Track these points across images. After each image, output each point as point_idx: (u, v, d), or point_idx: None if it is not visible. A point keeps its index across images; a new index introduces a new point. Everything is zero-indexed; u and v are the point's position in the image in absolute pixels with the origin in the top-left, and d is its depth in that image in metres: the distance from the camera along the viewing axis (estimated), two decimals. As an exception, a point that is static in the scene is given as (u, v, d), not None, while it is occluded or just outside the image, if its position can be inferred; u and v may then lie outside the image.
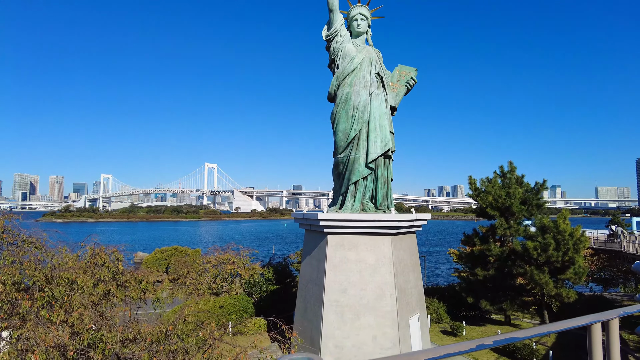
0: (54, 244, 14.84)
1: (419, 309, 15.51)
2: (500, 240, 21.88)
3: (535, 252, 18.88)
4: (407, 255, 15.55)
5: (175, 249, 57.57)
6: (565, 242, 18.88)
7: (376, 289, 14.22)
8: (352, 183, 15.55)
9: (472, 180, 22.94)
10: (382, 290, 14.19)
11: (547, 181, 21.32)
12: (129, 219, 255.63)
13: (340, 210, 15.52)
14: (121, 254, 17.97)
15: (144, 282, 18.39)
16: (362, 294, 14.22)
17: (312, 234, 16.08)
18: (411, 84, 16.89)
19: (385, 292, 14.17)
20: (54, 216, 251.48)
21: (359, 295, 14.21)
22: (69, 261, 14.52)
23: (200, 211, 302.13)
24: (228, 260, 25.78)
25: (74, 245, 17.82)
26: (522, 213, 20.63)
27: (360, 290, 14.25)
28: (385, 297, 14.14)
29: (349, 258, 14.55)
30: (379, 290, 14.20)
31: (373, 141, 15.33)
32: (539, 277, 19.05)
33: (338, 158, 15.99)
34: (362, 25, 16.47)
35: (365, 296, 14.18)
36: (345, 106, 15.66)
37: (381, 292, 14.18)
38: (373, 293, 14.18)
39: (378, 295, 14.15)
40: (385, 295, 14.14)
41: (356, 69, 15.83)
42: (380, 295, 14.15)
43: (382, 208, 15.60)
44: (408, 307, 14.80)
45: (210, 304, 22.69)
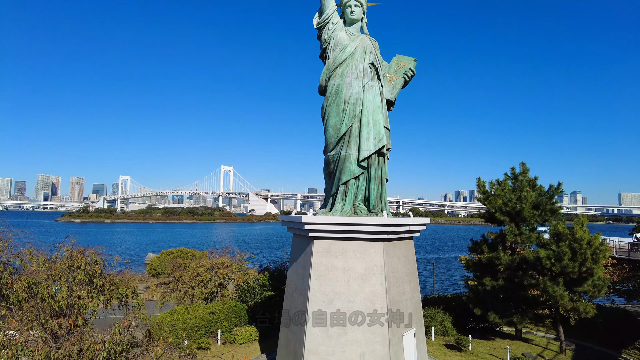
0: (19, 245, 13.87)
1: (415, 324, 13.99)
2: (511, 248, 20.11)
3: (549, 261, 17.12)
4: (402, 263, 14.06)
5: (182, 251, 56.90)
6: (582, 251, 17.06)
7: (365, 301, 12.79)
8: (343, 183, 14.18)
9: (480, 182, 21.27)
10: (372, 303, 12.76)
11: (562, 184, 19.48)
12: (145, 220, 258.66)
13: (330, 213, 14.16)
14: (99, 257, 16.96)
15: (122, 287, 17.39)
16: (350, 306, 12.80)
17: (298, 239, 14.76)
18: (409, 75, 15.45)
19: (375, 305, 12.73)
20: (72, 216, 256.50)
21: (347, 308, 12.79)
22: (33, 264, 13.54)
23: (215, 213, 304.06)
24: (222, 264, 24.67)
25: (51, 247, 16.89)
26: (535, 219, 18.84)
27: (347, 302, 12.84)
28: (375, 310, 12.68)
29: (336, 266, 13.16)
30: (369, 302, 12.76)
31: (366, 137, 13.94)
32: (553, 289, 17.28)
33: (328, 156, 14.66)
34: (356, 11, 15.13)
35: (353, 309, 12.76)
36: (335, 99, 14.32)
37: (371, 304, 12.74)
38: (362, 305, 12.75)
39: (367, 308, 12.71)
40: (375, 308, 12.69)
41: (348, 58, 14.48)
42: (370, 308, 12.70)
43: (375, 211, 14.18)
44: (402, 321, 13.30)
45: (200, 310, 21.55)
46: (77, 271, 15.55)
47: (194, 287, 24.18)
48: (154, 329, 18.92)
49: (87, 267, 15.79)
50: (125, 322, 10.25)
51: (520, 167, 20.70)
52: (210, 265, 24.64)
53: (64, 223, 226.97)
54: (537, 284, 17.95)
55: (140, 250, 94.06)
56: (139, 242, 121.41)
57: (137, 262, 72.57)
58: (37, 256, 14.04)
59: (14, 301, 11.41)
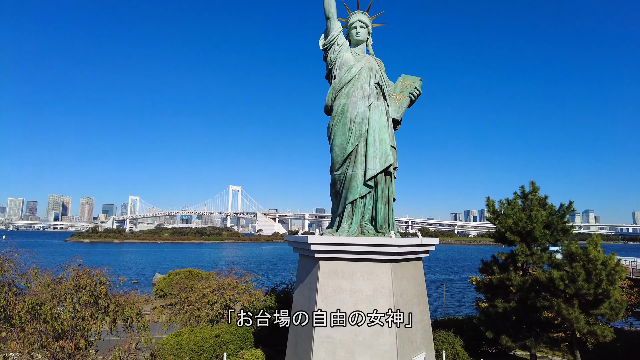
0: (25, 265, 13.83)
1: (424, 348, 13.55)
2: (522, 269, 19.61)
3: (562, 282, 16.61)
4: (411, 285, 13.74)
5: (189, 271, 56.62)
6: (597, 272, 16.54)
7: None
8: (349, 203, 14.02)
9: (490, 202, 20.95)
10: (380, 326, 12.39)
11: (573, 203, 19.09)
12: (153, 240, 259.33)
13: (336, 233, 13.96)
14: (105, 277, 16.86)
15: (127, 308, 17.21)
16: (357, 329, 12.45)
17: (304, 260, 14.54)
18: (415, 94, 15.45)
19: (383, 328, 12.37)
20: (81, 236, 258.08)
21: (354, 331, 12.45)
22: (38, 284, 13.45)
23: (223, 233, 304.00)
24: (229, 285, 24.39)
25: (57, 267, 16.86)
26: (546, 238, 18.39)
27: (355, 326, 12.50)
28: (383, 333, 12.33)
29: (343, 288, 12.88)
30: (377, 325, 12.40)
31: (372, 156, 13.85)
32: (568, 312, 16.71)
33: (335, 175, 14.56)
34: (361, 33, 15.28)
35: (361, 332, 12.41)
36: (341, 119, 14.32)
37: (379, 327, 12.38)
38: (370, 329, 12.39)
39: (375, 332, 12.36)
40: (383, 331, 12.34)
41: (354, 78, 14.54)
42: (378, 332, 12.35)
43: (382, 231, 13.96)
44: (411, 345, 12.90)
45: (206, 332, 21.21)
46: (83, 292, 15.45)
47: (200, 308, 23.88)
48: (158, 352, 18.61)
49: (92, 288, 15.69)
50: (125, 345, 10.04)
51: (529, 186, 20.39)
52: (216, 287, 24.37)
53: (73, 243, 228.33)
54: (551, 306, 17.39)
55: (147, 270, 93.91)
56: (146, 262, 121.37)
57: (145, 283, 72.34)
58: (43, 276, 13.98)
59: (17, 322, 11.29)
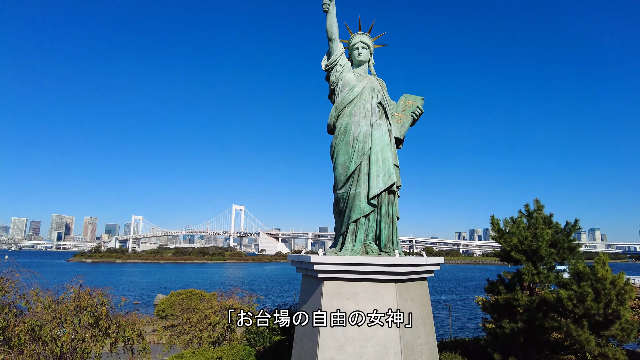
0: (26, 286, 13.73)
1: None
2: (529, 288, 19.28)
3: (570, 302, 16.28)
4: (417, 306, 13.50)
5: (191, 292, 56.12)
6: (606, 292, 16.22)
7: (378, 346, 12.17)
8: (353, 221, 13.94)
9: (494, 220, 20.78)
10: (386, 348, 12.13)
11: (579, 221, 18.91)
12: (156, 260, 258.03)
13: (340, 252, 13.84)
14: (106, 298, 16.69)
15: (128, 329, 16.97)
16: (362, 351, 12.18)
17: (308, 280, 14.35)
18: (417, 113, 15.54)
19: (388, 350, 12.10)
20: (84, 256, 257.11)
21: (358, 353, 12.17)
22: (38, 305, 13.32)
23: (225, 253, 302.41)
24: (231, 306, 24.06)
25: (58, 288, 16.73)
26: (552, 257, 18.14)
27: (359, 348, 12.23)
28: (388, 355, 12.05)
29: (347, 308, 12.65)
30: (382, 347, 12.14)
31: (375, 175, 13.84)
32: (578, 333, 16.31)
33: (338, 194, 14.53)
34: (363, 53, 15.51)
35: (366, 354, 12.14)
36: (344, 138, 14.39)
37: (384, 349, 12.11)
38: (374, 351, 12.13)
39: (380, 354, 12.08)
40: (388, 353, 12.06)
41: (356, 98, 14.68)
42: (383, 354, 12.07)
43: (386, 250, 13.83)
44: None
45: (208, 354, 20.81)
46: (84, 313, 15.29)
47: (202, 329, 23.52)
48: None
49: (93, 309, 15.53)
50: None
51: (534, 204, 20.24)
52: (218, 307, 24.06)
53: (75, 263, 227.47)
54: (560, 326, 17.00)
55: (149, 291, 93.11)
56: (148, 282, 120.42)
57: (146, 303, 71.61)
58: (43, 297, 13.86)
59: (16, 344, 11.13)
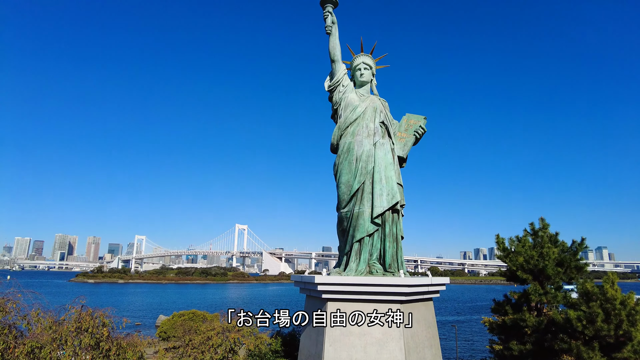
0: (27, 306, 13.61)
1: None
2: (536, 309, 18.91)
3: (580, 323, 15.92)
4: (422, 327, 13.26)
5: (193, 313, 55.31)
6: (616, 313, 15.87)
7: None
8: (357, 241, 13.85)
9: (499, 239, 20.56)
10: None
11: (585, 239, 18.67)
12: (158, 281, 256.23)
13: (344, 273, 13.70)
14: (108, 319, 16.52)
15: (129, 351, 16.72)
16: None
17: (311, 301, 14.17)
18: (420, 132, 15.61)
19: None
20: (86, 276, 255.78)
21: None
22: (39, 326, 13.16)
23: (228, 273, 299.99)
24: (233, 327, 23.67)
25: (60, 308, 16.57)
26: (559, 276, 17.85)
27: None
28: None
29: (351, 330, 12.45)
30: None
31: (379, 194, 13.81)
32: (589, 356, 15.88)
33: (341, 213, 14.48)
34: (365, 74, 15.72)
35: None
36: (347, 157, 14.44)
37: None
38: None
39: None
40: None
41: (359, 117, 14.79)
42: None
43: (391, 270, 13.69)
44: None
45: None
46: (85, 334, 15.09)
47: (204, 352, 23.10)
48: None
49: (94, 330, 15.34)
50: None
51: (539, 223, 20.05)
52: (221, 329, 23.66)
53: (77, 283, 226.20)
54: (570, 348, 16.58)
55: (151, 311, 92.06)
56: (150, 303, 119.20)
57: (148, 325, 70.69)
58: (45, 318, 13.72)
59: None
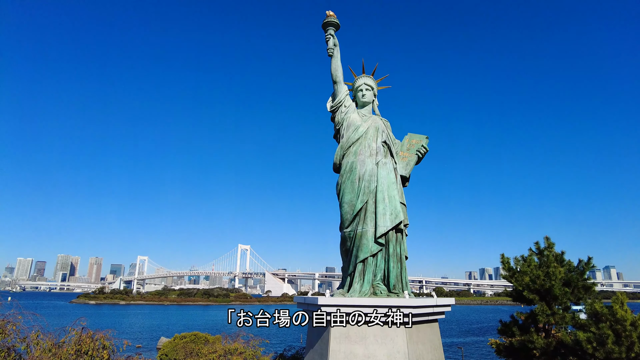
0: (27, 328, 13.45)
1: (446, 421, 12.50)
2: (544, 330, 18.53)
3: (590, 345, 15.55)
4: (427, 349, 12.99)
5: (195, 335, 54.40)
6: (627, 334, 15.51)
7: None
8: (360, 261, 13.74)
9: (505, 259, 20.33)
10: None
11: (592, 258, 18.43)
12: (160, 302, 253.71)
13: (348, 294, 13.54)
14: (108, 341, 16.31)
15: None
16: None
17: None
18: (422, 152, 15.67)
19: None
20: (87, 298, 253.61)
21: (368, 401, 11.61)
22: (38, 349, 12.98)
23: (230, 295, 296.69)
24: (235, 350, 23.28)
25: (60, 330, 16.39)
26: (567, 297, 17.54)
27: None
28: (400, 404, 11.46)
29: (355, 353, 12.22)
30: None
31: (382, 213, 13.77)
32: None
33: (345, 233, 14.42)
34: (367, 95, 15.91)
35: (376, 402, 11.57)
36: (350, 176, 14.46)
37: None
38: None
39: (391, 402, 11.50)
40: (400, 401, 11.48)
41: (361, 137, 14.89)
42: (394, 402, 11.50)
43: (395, 291, 13.52)
44: (431, 417, 11.93)
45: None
46: (84, 357, 14.89)
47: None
48: None
49: (94, 353, 15.14)
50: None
51: (544, 242, 19.85)
52: (223, 352, 23.27)
53: (78, 305, 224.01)
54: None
55: (152, 333, 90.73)
56: (152, 325, 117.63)
57: (149, 347, 69.59)
58: (44, 340, 13.55)
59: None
